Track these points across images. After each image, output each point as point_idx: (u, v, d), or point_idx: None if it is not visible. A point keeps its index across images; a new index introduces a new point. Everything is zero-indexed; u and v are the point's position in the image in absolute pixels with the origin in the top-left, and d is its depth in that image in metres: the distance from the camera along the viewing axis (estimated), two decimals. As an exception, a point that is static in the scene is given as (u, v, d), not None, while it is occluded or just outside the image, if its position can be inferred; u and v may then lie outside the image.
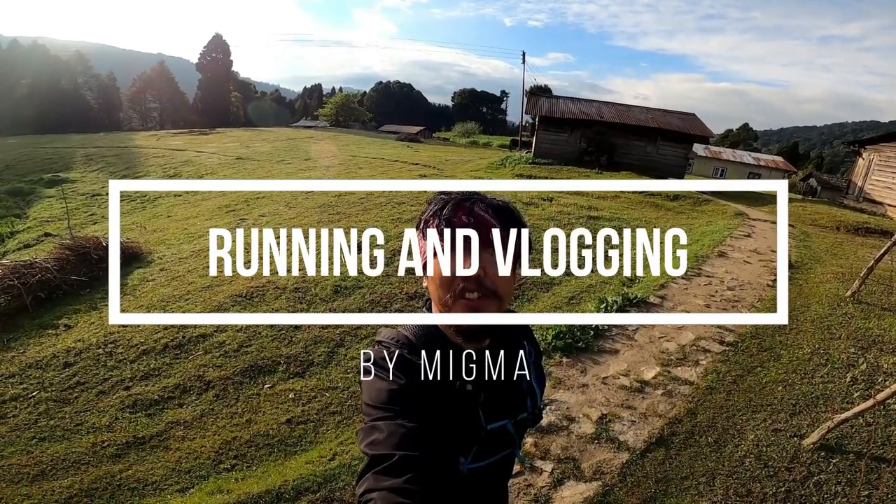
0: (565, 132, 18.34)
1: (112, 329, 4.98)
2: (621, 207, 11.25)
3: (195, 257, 7.41)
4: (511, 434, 0.98)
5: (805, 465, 2.67)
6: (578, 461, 2.64)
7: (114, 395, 3.99)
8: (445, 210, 0.89)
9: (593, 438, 2.87)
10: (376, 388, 0.85)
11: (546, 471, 2.54)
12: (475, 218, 0.87)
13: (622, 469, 2.58)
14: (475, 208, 0.88)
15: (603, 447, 2.79)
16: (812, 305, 5.29)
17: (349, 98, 66.99)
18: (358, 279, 5.98)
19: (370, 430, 0.79)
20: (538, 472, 2.54)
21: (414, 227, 0.99)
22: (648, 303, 5.20)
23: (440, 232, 0.87)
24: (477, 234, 0.86)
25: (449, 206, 0.89)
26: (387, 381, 0.85)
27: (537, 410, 1.09)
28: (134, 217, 12.29)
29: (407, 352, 0.89)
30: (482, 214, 0.88)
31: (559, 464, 2.60)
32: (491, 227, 0.87)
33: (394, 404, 0.81)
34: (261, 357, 4.46)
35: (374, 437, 0.77)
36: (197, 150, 21.70)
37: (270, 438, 3.43)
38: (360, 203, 9.80)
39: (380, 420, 0.79)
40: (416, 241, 0.96)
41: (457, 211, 0.88)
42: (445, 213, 0.88)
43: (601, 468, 2.59)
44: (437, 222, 0.88)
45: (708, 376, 3.74)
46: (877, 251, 5.99)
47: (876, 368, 3.82)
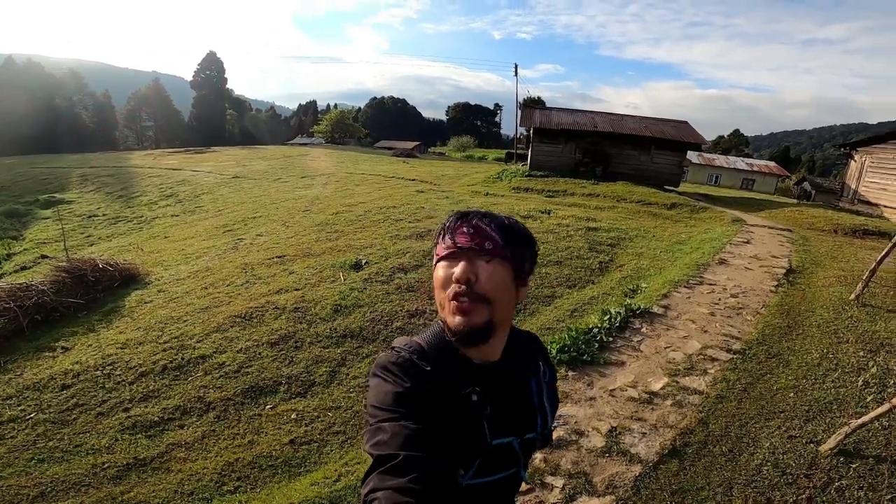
0: (560, 143, 18.45)
1: (110, 351, 4.92)
2: (619, 218, 11.28)
3: (193, 278, 7.35)
4: (516, 452, 0.97)
5: (825, 472, 2.62)
6: (590, 475, 2.58)
7: (113, 417, 3.94)
8: (451, 222, 0.96)
9: (604, 452, 2.81)
10: (383, 391, 0.87)
11: (557, 486, 2.48)
12: (474, 229, 0.93)
13: (635, 482, 2.52)
14: (475, 220, 0.95)
15: (614, 460, 2.73)
16: (817, 310, 5.26)
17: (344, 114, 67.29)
18: (358, 298, 5.93)
19: (375, 431, 0.81)
20: (549, 489, 2.47)
21: (424, 239, 1.05)
22: (652, 313, 5.16)
23: (444, 241, 0.95)
24: (473, 242, 0.92)
25: (455, 219, 0.97)
26: (393, 384, 0.87)
27: (547, 431, 1.08)
28: (130, 238, 12.25)
29: (417, 357, 0.92)
30: (482, 226, 0.94)
31: (570, 479, 2.54)
32: (487, 237, 0.92)
33: (399, 406, 0.83)
34: (262, 378, 4.39)
35: (378, 437, 0.79)
36: (193, 170, 21.72)
37: (273, 459, 3.36)
38: (357, 221, 9.79)
39: (385, 421, 0.81)
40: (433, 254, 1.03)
41: (460, 222, 0.95)
42: (449, 224, 0.96)
43: (614, 482, 2.53)
44: (442, 234, 0.96)
45: (717, 385, 3.69)
46: (876, 253, 6.00)
47: (886, 371, 3.78)
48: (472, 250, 0.91)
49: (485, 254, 0.92)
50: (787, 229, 10.98)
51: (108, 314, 6.10)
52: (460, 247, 0.92)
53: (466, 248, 0.92)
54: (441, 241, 0.97)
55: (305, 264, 7.28)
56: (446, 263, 0.94)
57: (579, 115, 20.44)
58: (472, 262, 0.91)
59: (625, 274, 7.13)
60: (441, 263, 0.95)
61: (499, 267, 0.92)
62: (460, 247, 0.92)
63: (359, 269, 6.93)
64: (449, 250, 0.94)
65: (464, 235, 0.93)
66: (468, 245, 0.92)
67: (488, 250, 0.92)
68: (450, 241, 0.94)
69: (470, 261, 0.91)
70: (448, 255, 0.94)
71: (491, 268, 0.91)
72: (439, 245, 0.97)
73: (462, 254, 0.92)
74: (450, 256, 0.93)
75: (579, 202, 13.19)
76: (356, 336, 5.15)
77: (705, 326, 4.86)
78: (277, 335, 5.12)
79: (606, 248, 8.31)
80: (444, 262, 0.94)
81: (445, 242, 0.95)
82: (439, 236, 0.98)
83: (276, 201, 13.76)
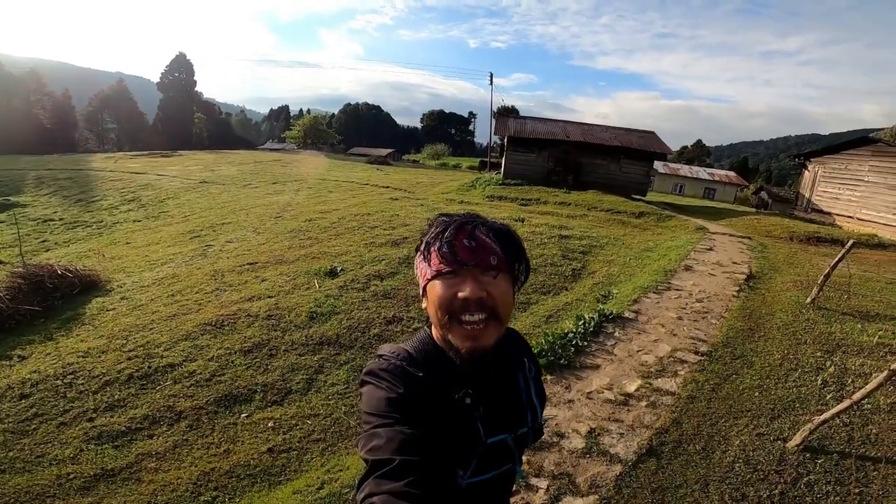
0: (533, 152, 18.78)
1: (70, 360, 4.68)
2: (590, 226, 11.56)
3: (158, 285, 7.09)
4: (511, 448, 0.98)
5: (793, 467, 2.75)
6: (573, 476, 2.63)
7: (76, 427, 3.75)
8: (447, 233, 0.90)
9: (585, 453, 2.87)
10: (376, 397, 0.86)
11: (542, 488, 2.51)
12: (476, 241, 0.88)
13: (617, 481, 2.58)
14: (476, 231, 0.90)
15: (595, 461, 2.79)
16: (776, 313, 5.53)
17: (317, 120, 66.45)
18: (334, 305, 5.86)
19: (370, 436, 0.80)
20: (534, 490, 2.50)
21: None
22: (624, 318, 5.30)
23: (442, 254, 0.88)
24: (478, 258, 0.87)
25: (451, 229, 0.90)
26: (386, 390, 0.86)
27: (538, 426, 1.10)
28: (90, 244, 11.70)
29: (407, 364, 0.91)
30: (483, 238, 0.89)
31: (554, 480, 2.58)
32: (491, 252, 0.88)
33: (393, 412, 0.83)
34: (235, 386, 4.27)
35: (373, 443, 0.79)
36: (158, 174, 20.99)
37: (252, 468, 3.27)
38: (332, 228, 9.68)
39: (380, 427, 0.81)
40: (418, 263, 0.96)
41: (458, 234, 0.89)
42: (447, 235, 0.89)
43: (596, 482, 2.58)
44: (439, 245, 0.89)
45: (688, 386, 3.82)
46: (830, 259, 6.36)
47: (844, 371, 4.01)
48: (477, 267, 0.87)
49: (490, 269, 0.87)
50: (747, 237, 11.51)
51: (67, 322, 5.81)
52: (463, 263, 0.86)
53: (471, 265, 0.87)
54: (434, 252, 0.89)
55: (278, 271, 7.14)
56: (447, 281, 0.87)
57: (552, 125, 20.89)
58: (477, 279, 0.86)
59: (597, 280, 7.32)
60: (439, 281, 0.88)
61: (503, 281, 0.89)
62: (463, 263, 0.86)
63: (334, 276, 6.85)
64: (450, 266, 0.87)
65: (466, 251, 0.87)
66: (473, 262, 0.86)
67: (494, 265, 0.87)
68: (449, 256, 0.86)
69: (476, 278, 0.86)
70: (449, 271, 0.87)
71: (498, 283, 0.88)
72: (433, 256, 0.89)
73: (466, 271, 0.86)
74: (450, 273, 0.87)
75: (552, 210, 13.45)
76: (333, 343, 5.08)
77: (674, 330, 5.04)
78: (251, 343, 4.99)
79: (579, 256, 8.51)
80: (444, 280, 0.87)
81: (442, 255, 0.87)
82: (432, 245, 0.90)
83: (246, 207, 13.44)
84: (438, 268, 0.88)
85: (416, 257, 0.97)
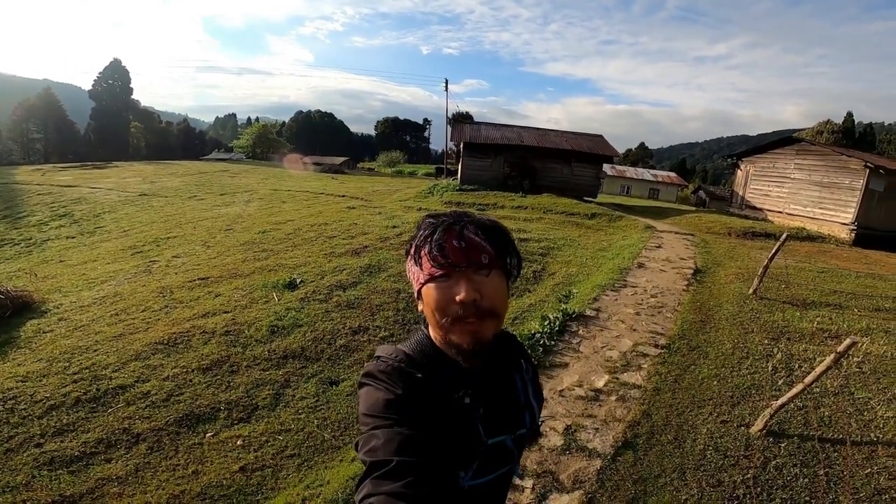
0: (490, 158, 19.05)
1: (9, 385, 4.30)
2: (546, 228, 11.88)
3: (99, 305, 6.60)
4: (511, 449, 0.99)
5: (760, 452, 2.92)
6: (556, 473, 2.67)
7: (24, 453, 3.47)
8: (436, 235, 0.89)
9: (564, 450, 2.92)
10: (374, 398, 0.85)
11: (528, 487, 2.53)
12: (466, 241, 0.88)
13: (599, 475, 2.65)
14: (465, 231, 0.90)
15: (575, 457, 2.85)
16: (723, 304, 5.88)
17: (267, 128, 64.13)
18: (296, 317, 5.67)
19: (368, 438, 0.80)
20: (520, 490, 2.52)
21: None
22: (586, 316, 5.46)
23: (433, 258, 0.88)
24: (468, 258, 0.87)
25: (439, 231, 0.90)
26: (384, 392, 0.85)
27: (535, 426, 1.10)
28: (19, 263, 10.73)
29: (405, 365, 0.90)
30: (473, 237, 0.89)
31: (539, 478, 2.61)
32: (482, 250, 0.88)
33: (392, 413, 0.82)
34: (196, 405, 4.03)
35: (372, 444, 0.78)
36: (91, 186, 19.54)
37: (225, 489, 3.09)
38: (288, 239, 9.38)
39: (378, 428, 0.80)
40: (409, 267, 0.96)
41: (447, 236, 0.89)
42: (436, 237, 0.89)
43: (579, 477, 2.63)
44: (429, 248, 0.89)
45: (652, 378, 3.99)
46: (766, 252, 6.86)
47: (790, 356, 4.31)
48: (469, 267, 0.87)
49: (483, 268, 0.88)
50: (690, 234, 12.22)
51: (0, 346, 5.31)
52: (455, 265, 0.87)
53: (463, 266, 0.87)
54: (425, 256, 0.90)
55: (233, 286, 6.83)
56: (441, 284, 0.88)
57: (507, 130, 21.29)
58: (471, 279, 0.87)
59: (557, 281, 7.51)
60: (433, 285, 0.89)
61: (496, 278, 0.89)
62: (455, 265, 0.87)
63: (294, 288, 6.63)
64: (442, 270, 0.87)
65: (457, 252, 0.87)
66: (464, 263, 0.87)
67: (485, 264, 0.88)
68: (440, 259, 0.87)
69: (469, 279, 0.86)
70: (441, 275, 0.88)
71: (491, 281, 0.88)
72: (424, 260, 0.90)
73: (459, 272, 0.87)
74: (443, 276, 0.87)
75: (509, 214, 13.70)
76: (298, 356, 4.90)
77: (633, 325, 5.25)
78: (209, 360, 4.73)
79: (538, 258, 8.70)
80: (438, 283, 0.88)
81: (433, 259, 0.88)
82: (422, 249, 0.91)
83: (192, 220, 12.77)
84: (431, 272, 0.88)
85: (406, 261, 0.97)
